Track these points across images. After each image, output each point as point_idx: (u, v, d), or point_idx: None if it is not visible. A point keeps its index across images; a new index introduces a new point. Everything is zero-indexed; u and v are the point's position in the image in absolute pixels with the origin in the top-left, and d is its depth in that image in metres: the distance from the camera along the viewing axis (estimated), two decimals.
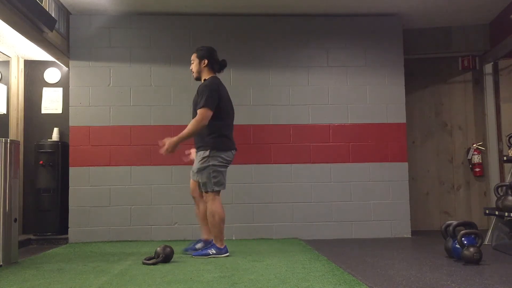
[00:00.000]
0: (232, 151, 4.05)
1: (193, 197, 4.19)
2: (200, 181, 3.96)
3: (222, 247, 3.97)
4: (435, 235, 5.02)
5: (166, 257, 3.73)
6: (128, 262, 3.83)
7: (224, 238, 4.05)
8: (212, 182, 3.91)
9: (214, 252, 3.93)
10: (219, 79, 4.13)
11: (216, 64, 4.13)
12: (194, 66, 4.11)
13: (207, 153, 3.93)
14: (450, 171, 6.15)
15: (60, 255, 4.28)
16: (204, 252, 3.95)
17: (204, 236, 4.20)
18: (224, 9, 5.38)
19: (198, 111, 3.90)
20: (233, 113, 4.18)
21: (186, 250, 4.19)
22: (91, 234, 5.18)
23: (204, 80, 4.09)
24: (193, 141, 4.11)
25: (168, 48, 5.43)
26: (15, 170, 3.96)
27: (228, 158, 4.00)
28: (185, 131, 3.90)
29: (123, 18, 5.43)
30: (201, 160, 3.94)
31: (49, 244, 5.16)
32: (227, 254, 4.01)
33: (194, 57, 4.13)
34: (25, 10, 4.07)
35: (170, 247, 3.81)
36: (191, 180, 4.15)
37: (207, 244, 4.11)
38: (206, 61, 4.08)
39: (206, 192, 3.94)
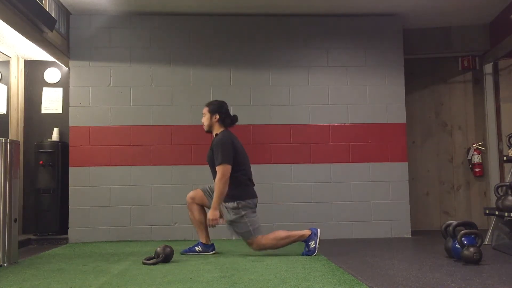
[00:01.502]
0: (256, 199, 4.12)
1: (189, 203, 4.17)
2: (238, 231, 4.01)
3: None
4: (435, 235, 5.02)
5: (166, 257, 3.73)
6: (128, 262, 3.83)
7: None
8: (251, 230, 3.97)
9: (202, 251, 4.13)
10: (230, 132, 4.17)
11: (227, 119, 4.16)
12: (205, 120, 4.16)
13: (235, 204, 3.97)
14: (450, 171, 6.15)
15: (60, 255, 4.28)
16: (193, 249, 4.09)
17: (203, 239, 4.19)
18: (224, 9, 5.38)
19: (217, 168, 3.94)
20: (249, 161, 4.24)
21: (184, 252, 4.18)
22: (91, 234, 5.18)
23: (216, 134, 4.13)
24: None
25: (168, 48, 5.43)
26: (15, 170, 3.96)
27: (255, 203, 4.08)
28: (216, 196, 3.93)
29: (123, 18, 5.43)
30: (233, 212, 3.98)
31: (49, 244, 5.16)
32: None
33: (205, 111, 4.17)
34: (25, 10, 4.07)
35: (170, 247, 3.81)
36: (198, 190, 4.18)
37: (205, 247, 4.13)
38: (217, 116, 4.12)
39: (251, 240, 3.99)
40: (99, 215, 5.21)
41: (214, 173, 4.04)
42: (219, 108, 4.16)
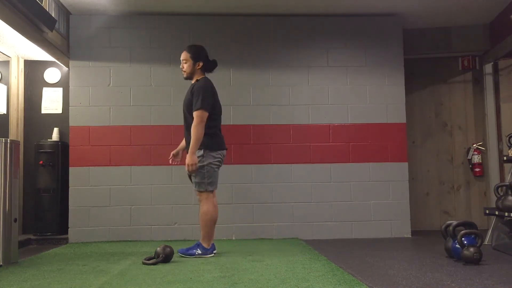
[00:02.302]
0: (224, 150, 4.09)
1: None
2: (194, 180, 3.97)
3: (208, 247, 3.99)
4: (435, 235, 5.02)
5: (166, 257, 3.73)
6: (128, 262, 3.83)
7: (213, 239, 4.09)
8: (206, 182, 3.93)
9: (200, 252, 3.95)
10: (208, 79, 4.14)
11: (208, 65, 4.12)
12: (187, 67, 4.08)
13: (201, 152, 3.93)
14: (450, 171, 6.15)
15: (60, 255, 4.28)
16: (190, 251, 3.96)
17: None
18: (224, 9, 5.38)
19: (195, 113, 3.91)
20: (221, 112, 4.20)
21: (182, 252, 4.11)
22: (91, 234, 5.18)
23: (197, 80, 4.08)
24: (185, 141, 4.14)
25: (168, 48, 5.42)
26: (15, 170, 3.96)
27: (221, 157, 4.04)
28: (192, 141, 3.87)
29: (123, 18, 5.43)
30: (197, 159, 3.94)
31: (49, 244, 5.16)
32: (212, 254, 4.02)
33: (187, 57, 4.08)
34: (25, 10, 4.07)
35: (170, 247, 3.81)
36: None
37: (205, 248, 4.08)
38: (201, 64, 4.08)
39: (200, 191, 3.95)
40: (99, 215, 5.21)
41: (187, 118, 4.01)
42: (202, 55, 4.08)
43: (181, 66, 4.14)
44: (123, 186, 5.26)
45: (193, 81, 4.13)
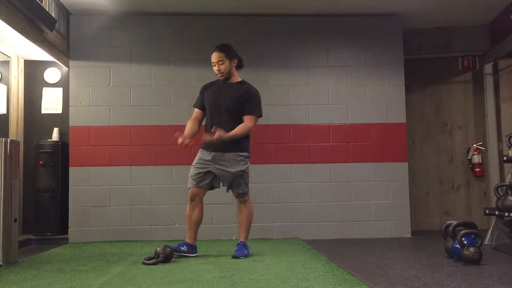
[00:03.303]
0: None
1: (193, 200, 4.03)
2: (244, 181, 3.97)
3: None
4: (435, 235, 5.01)
5: (166, 257, 3.73)
6: (128, 262, 3.83)
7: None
8: (247, 183, 4.02)
9: (248, 252, 4.02)
10: None
11: (241, 62, 4.11)
12: (224, 67, 3.96)
13: (247, 154, 3.99)
14: (450, 171, 6.15)
15: (60, 255, 4.28)
16: (246, 253, 3.98)
17: (191, 240, 4.07)
18: (224, 9, 5.38)
19: (252, 117, 3.94)
20: None
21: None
22: (91, 234, 5.18)
23: (240, 82, 4.06)
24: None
25: (168, 48, 5.43)
26: (15, 170, 3.96)
27: None
28: (234, 132, 3.85)
29: (123, 18, 5.43)
30: (244, 162, 3.96)
31: (49, 244, 5.15)
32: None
33: (222, 57, 3.96)
34: (25, 10, 4.06)
35: (170, 247, 3.81)
36: (197, 189, 4.01)
37: (190, 248, 4.04)
38: (236, 61, 4.03)
39: (244, 193, 4.01)
40: (99, 215, 5.21)
41: (224, 115, 3.92)
42: (234, 52, 4.02)
43: (217, 69, 3.99)
44: (123, 186, 5.26)
45: (232, 81, 4.05)
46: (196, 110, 4.15)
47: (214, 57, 4.00)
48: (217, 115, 3.99)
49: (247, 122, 3.93)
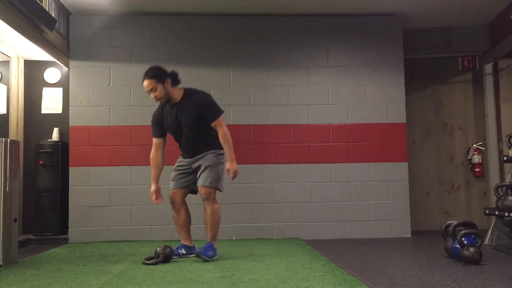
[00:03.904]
0: None
1: (173, 203, 4.00)
2: (213, 175, 3.83)
3: (216, 248, 3.95)
4: (435, 235, 5.02)
5: (166, 257, 3.73)
6: (128, 262, 3.83)
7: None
8: (220, 180, 3.90)
9: (214, 255, 3.88)
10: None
11: (175, 77, 3.90)
12: (159, 93, 3.78)
13: (221, 151, 3.92)
14: (450, 171, 6.15)
15: (60, 255, 4.28)
16: (209, 253, 3.81)
17: (187, 242, 4.04)
18: (224, 9, 5.38)
19: (219, 120, 3.85)
20: None
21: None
22: (91, 234, 5.18)
23: (184, 95, 3.89)
24: (186, 154, 3.99)
25: (168, 48, 5.43)
26: (15, 170, 3.96)
27: None
28: (230, 148, 3.84)
29: (123, 18, 5.43)
30: (218, 156, 3.89)
31: (49, 244, 5.15)
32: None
33: (153, 83, 3.77)
34: (25, 10, 4.07)
35: (170, 247, 3.81)
36: (177, 190, 3.97)
37: (189, 249, 4.03)
38: (169, 80, 3.84)
39: (213, 188, 3.83)
40: (99, 215, 5.21)
41: (194, 133, 3.86)
42: (165, 73, 3.85)
43: (153, 96, 3.82)
44: (123, 186, 5.26)
45: (175, 100, 3.88)
46: (155, 139, 3.99)
47: (145, 85, 3.82)
48: (184, 135, 3.94)
49: (220, 128, 3.86)
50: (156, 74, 3.82)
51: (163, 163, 4.01)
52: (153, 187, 3.99)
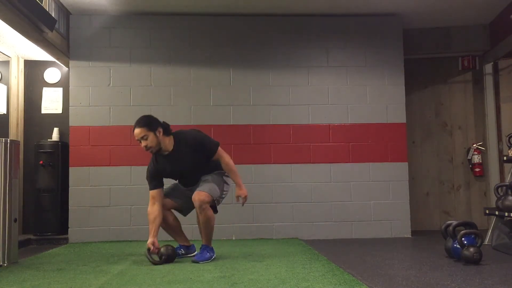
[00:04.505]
0: None
1: (164, 205, 3.91)
2: (216, 186, 3.81)
3: (212, 246, 3.95)
4: (435, 235, 5.02)
5: (168, 258, 3.73)
6: (128, 262, 3.83)
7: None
8: (221, 196, 3.90)
9: (213, 255, 3.90)
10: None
11: (167, 127, 3.84)
12: (150, 141, 3.72)
13: (225, 173, 3.93)
14: (450, 171, 6.15)
15: (60, 255, 4.28)
16: (206, 256, 3.82)
17: (184, 242, 4.08)
18: (224, 9, 5.38)
19: (218, 154, 3.82)
20: None
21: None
22: (91, 234, 5.18)
23: (176, 144, 3.81)
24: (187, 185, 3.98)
25: (168, 48, 5.43)
26: (15, 170, 3.96)
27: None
28: (235, 175, 3.85)
29: (123, 18, 5.43)
30: (220, 174, 3.92)
31: (49, 244, 5.15)
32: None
33: (144, 131, 3.73)
34: (25, 10, 4.07)
35: (173, 247, 3.81)
36: (163, 198, 3.90)
37: (188, 249, 4.05)
38: (161, 130, 3.77)
39: (209, 196, 3.74)
40: (99, 215, 5.21)
41: (192, 174, 3.88)
42: (157, 122, 3.80)
43: (143, 145, 3.75)
44: (123, 186, 5.26)
45: (167, 149, 3.80)
46: (153, 192, 3.83)
47: (136, 133, 3.78)
48: (187, 179, 3.95)
49: (222, 159, 3.83)
50: (148, 123, 3.77)
51: (160, 217, 3.81)
52: (150, 240, 3.75)
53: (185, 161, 3.83)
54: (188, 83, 5.40)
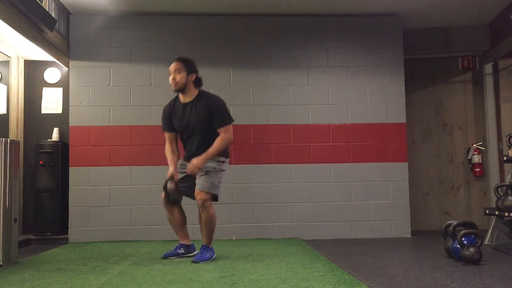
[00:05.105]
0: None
1: (166, 203, 3.97)
2: (209, 180, 3.77)
3: (212, 247, 3.93)
4: (435, 235, 5.02)
5: (169, 192, 3.82)
6: (128, 262, 3.83)
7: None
8: (218, 186, 3.85)
9: (213, 255, 3.89)
10: None
11: (200, 80, 3.96)
12: (180, 78, 3.82)
13: (223, 158, 3.87)
14: (450, 171, 6.15)
15: (60, 255, 4.28)
16: (207, 256, 3.81)
17: (185, 241, 4.05)
18: (224, 9, 5.38)
19: (224, 128, 3.82)
20: None
21: (166, 255, 3.99)
22: (91, 234, 5.18)
23: (198, 96, 3.89)
24: (188, 154, 3.97)
25: (168, 48, 5.42)
26: (15, 170, 3.96)
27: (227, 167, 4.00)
28: (213, 149, 3.78)
29: (123, 18, 5.43)
30: (218, 162, 3.83)
31: (49, 244, 5.15)
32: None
33: (180, 66, 3.85)
34: (25, 10, 4.07)
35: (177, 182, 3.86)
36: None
37: (188, 248, 4.04)
38: (194, 76, 3.89)
39: (209, 194, 3.76)
40: (99, 215, 5.21)
41: (195, 135, 3.86)
42: (195, 67, 3.93)
43: (172, 78, 3.85)
44: (123, 186, 5.27)
45: (189, 97, 3.89)
46: (167, 134, 4.02)
47: (172, 66, 3.89)
48: (188, 137, 3.94)
49: (223, 134, 3.83)
50: (188, 63, 3.92)
51: (178, 151, 3.99)
52: (171, 169, 3.91)
53: (195, 115, 3.85)
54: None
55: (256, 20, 5.52)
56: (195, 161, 3.77)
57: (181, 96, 3.96)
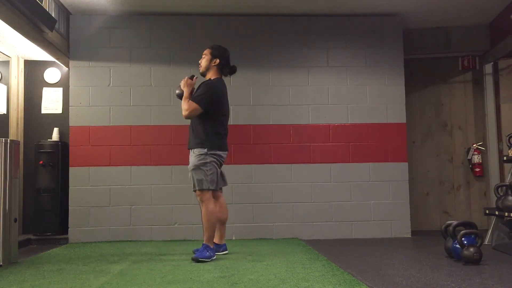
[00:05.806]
0: (226, 152, 4.07)
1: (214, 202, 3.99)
2: (194, 177, 3.87)
3: (212, 247, 3.93)
4: (435, 235, 5.02)
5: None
6: (128, 262, 3.84)
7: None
8: (208, 180, 3.85)
9: (213, 255, 3.88)
10: (223, 81, 4.15)
11: (226, 68, 4.13)
12: (204, 61, 4.10)
13: (204, 150, 3.90)
14: (450, 171, 6.15)
15: (60, 255, 4.28)
16: (206, 255, 3.81)
17: (216, 239, 4.07)
18: (224, 9, 5.38)
19: (190, 102, 3.94)
20: (229, 115, 4.24)
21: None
22: (91, 234, 5.18)
23: (210, 79, 4.08)
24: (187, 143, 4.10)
25: (168, 48, 5.43)
26: (15, 170, 3.96)
27: (223, 157, 4.02)
28: (186, 98, 3.98)
29: (123, 18, 5.43)
30: (199, 156, 3.89)
31: (49, 244, 5.15)
32: (225, 252, 4.12)
33: (207, 52, 4.12)
34: (25, 10, 4.07)
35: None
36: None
37: (218, 247, 4.05)
38: (217, 61, 4.08)
39: (201, 190, 3.85)
40: (99, 215, 5.21)
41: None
42: (221, 54, 4.11)
43: (199, 61, 4.15)
44: (123, 186, 5.26)
45: (205, 78, 4.13)
46: None
47: (204, 51, 4.16)
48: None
49: (186, 106, 3.94)
50: (215, 49, 4.13)
51: None
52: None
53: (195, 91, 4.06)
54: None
55: (256, 20, 5.52)
56: (185, 81, 4.05)
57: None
